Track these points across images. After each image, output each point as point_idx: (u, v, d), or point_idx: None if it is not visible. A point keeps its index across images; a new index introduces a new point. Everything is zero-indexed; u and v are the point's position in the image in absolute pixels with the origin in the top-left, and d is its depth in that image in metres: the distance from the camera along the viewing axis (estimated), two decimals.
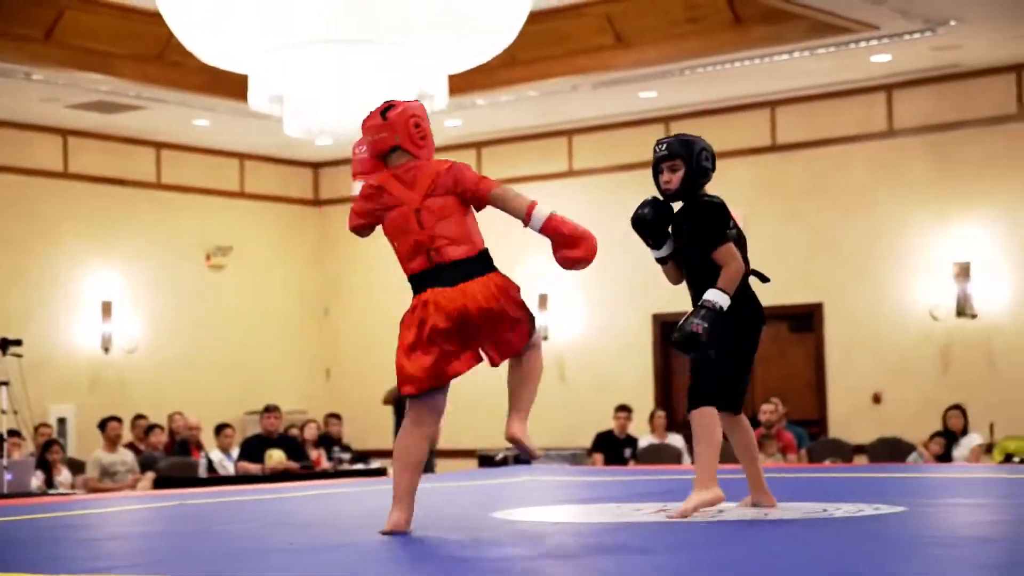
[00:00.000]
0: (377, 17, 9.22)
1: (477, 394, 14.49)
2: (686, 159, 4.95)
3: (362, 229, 4.62)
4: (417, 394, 4.43)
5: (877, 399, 12.55)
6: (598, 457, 12.39)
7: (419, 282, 4.45)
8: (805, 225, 12.99)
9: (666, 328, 13.70)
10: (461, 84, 11.60)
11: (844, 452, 11.52)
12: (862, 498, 5.39)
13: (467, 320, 4.37)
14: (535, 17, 10.78)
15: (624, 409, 12.52)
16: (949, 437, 11.22)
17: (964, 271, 12.15)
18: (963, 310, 12.12)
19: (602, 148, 14.03)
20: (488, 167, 14.71)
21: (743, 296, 4.96)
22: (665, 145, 5.02)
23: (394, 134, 4.47)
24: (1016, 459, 10.68)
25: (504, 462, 11.96)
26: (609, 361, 13.91)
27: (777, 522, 4.63)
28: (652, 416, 12.61)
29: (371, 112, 4.57)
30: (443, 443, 13.10)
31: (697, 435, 4.92)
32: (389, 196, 4.48)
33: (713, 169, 5.04)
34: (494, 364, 4.53)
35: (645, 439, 12.47)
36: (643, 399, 13.34)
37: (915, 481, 6.84)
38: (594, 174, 14.09)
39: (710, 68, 11.85)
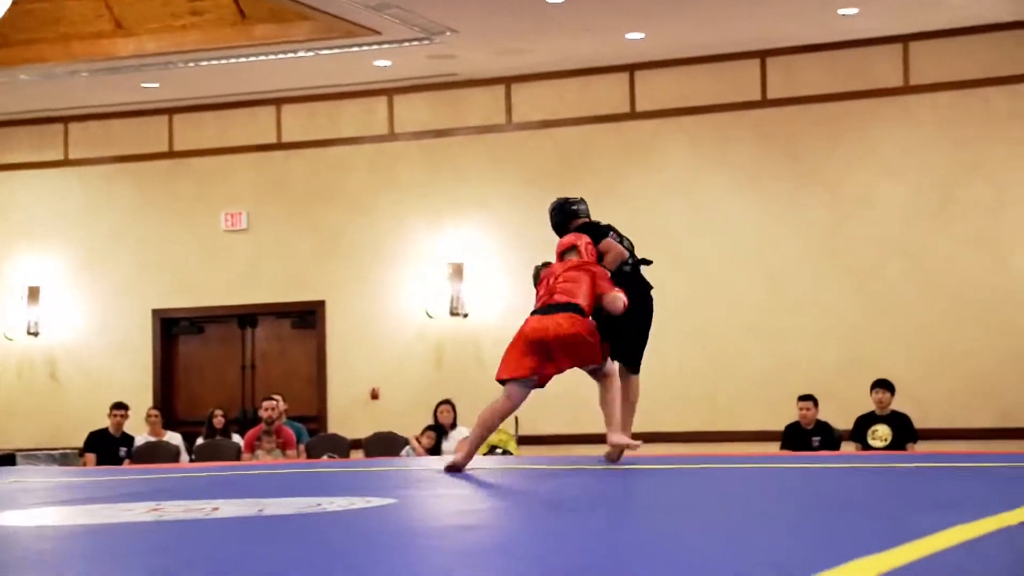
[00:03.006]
0: None
1: None
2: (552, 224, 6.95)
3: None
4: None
5: (375, 395, 12.90)
6: (90, 457, 11.95)
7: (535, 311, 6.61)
8: (309, 224, 13.13)
9: (166, 324, 13.42)
10: None
11: (341, 447, 11.76)
12: (356, 492, 5.53)
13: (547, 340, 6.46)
14: None
15: (120, 407, 12.14)
16: (439, 431, 11.72)
17: (457, 272, 12.73)
18: (456, 309, 12.70)
19: (101, 138, 13.55)
20: None
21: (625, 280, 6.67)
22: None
23: (573, 244, 6.76)
24: (499, 451, 11.33)
25: None
26: (105, 358, 13.45)
27: (270, 518, 4.66)
28: (148, 414, 12.33)
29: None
30: None
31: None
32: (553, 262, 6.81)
33: (566, 216, 6.89)
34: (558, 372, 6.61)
35: (141, 437, 12.16)
36: (142, 397, 13.00)
37: (406, 473, 7.09)
38: (92, 164, 13.58)
39: (214, 62, 11.74)
